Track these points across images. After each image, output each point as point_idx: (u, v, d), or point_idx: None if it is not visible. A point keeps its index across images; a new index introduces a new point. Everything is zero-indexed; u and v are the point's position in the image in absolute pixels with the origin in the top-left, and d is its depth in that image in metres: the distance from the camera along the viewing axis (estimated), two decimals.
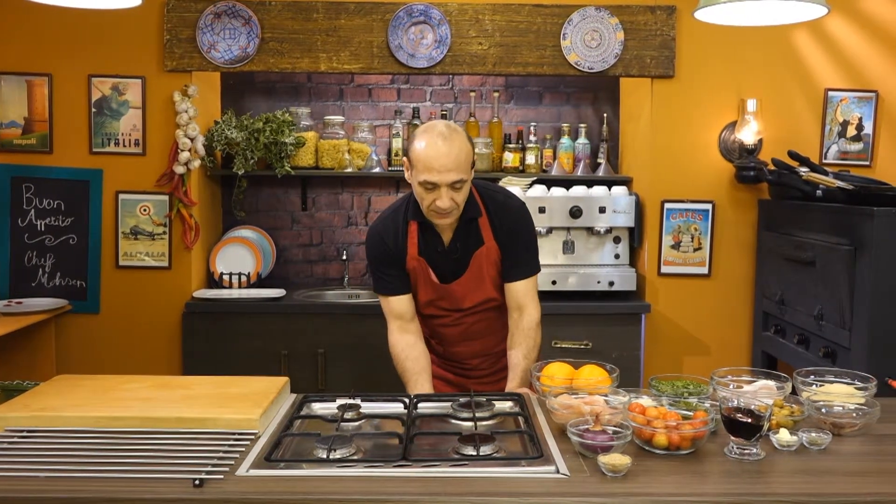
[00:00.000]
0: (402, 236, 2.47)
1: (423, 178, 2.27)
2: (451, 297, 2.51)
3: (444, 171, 2.25)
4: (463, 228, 2.45)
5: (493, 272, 2.50)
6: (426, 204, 2.33)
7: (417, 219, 2.44)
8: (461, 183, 2.30)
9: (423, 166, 2.27)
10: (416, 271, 2.49)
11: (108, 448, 1.75)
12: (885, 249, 2.89)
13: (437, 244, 2.47)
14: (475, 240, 2.46)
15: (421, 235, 2.46)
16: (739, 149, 3.94)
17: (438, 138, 2.27)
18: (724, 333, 4.07)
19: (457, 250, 2.46)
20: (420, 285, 2.51)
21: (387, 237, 2.48)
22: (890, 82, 3.98)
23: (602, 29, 3.87)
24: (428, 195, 2.30)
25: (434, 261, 2.47)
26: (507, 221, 2.48)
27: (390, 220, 2.51)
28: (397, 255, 2.47)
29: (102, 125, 3.86)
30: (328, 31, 3.85)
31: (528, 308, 2.51)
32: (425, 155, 2.27)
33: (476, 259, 2.46)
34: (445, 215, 2.35)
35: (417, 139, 2.31)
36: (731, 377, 2.14)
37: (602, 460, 1.60)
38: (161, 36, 3.84)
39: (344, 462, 1.71)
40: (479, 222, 2.46)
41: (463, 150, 2.29)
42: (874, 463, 1.78)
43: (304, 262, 4.51)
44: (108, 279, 3.93)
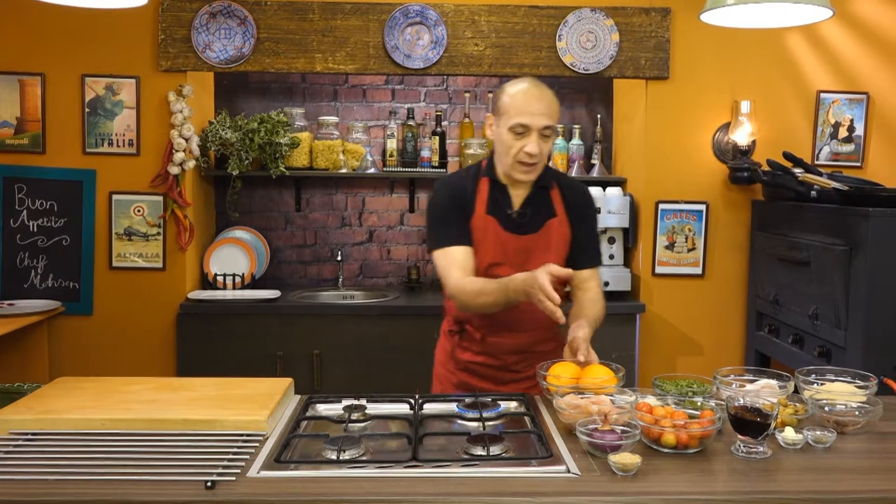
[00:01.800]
0: (472, 192, 2.40)
1: (515, 121, 2.26)
2: (514, 257, 2.38)
3: (538, 115, 2.26)
4: (535, 195, 2.41)
5: (562, 248, 2.42)
6: (514, 152, 2.29)
7: (490, 175, 2.40)
8: (550, 131, 2.30)
9: (515, 111, 2.27)
10: (481, 230, 2.38)
11: (115, 450, 1.73)
12: (880, 250, 2.92)
13: (506, 206, 2.39)
14: (547, 209, 2.42)
15: (491, 194, 2.39)
16: (733, 150, 3.96)
17: (532, 85, 2.32)
18: (718, 333, 4.10)
19: (526, 215, 2.40)
20: (483, 246, 2.38)
21: (457, 189, 2.41)
22: (881, 84, 4.02)
23: (597, 30, 3.88)
24: (517, 141, 2.28)
25: (502, 222, 2.39)
26: (578, 200, 2.47)
27: (461, 175, 2.47)
28: (465, 208, 2.38)
29: (96, 125, 3.84)
30: (324, 31, 3.84)
31: (593, 290, 2.46)
32: (520, 98, 2.28)
33: (547, 228, 2.40)
34: (530, 167, 2.31)
35: (509, 88, 2.32)
36: (733, 376, 2.16)
37: (613, 459, 1.61)
38: (156, 36, 3.82)
39: (354, 463, 1.71)
40: (550, 193, 2.43)
41: (554, 103, 2.32)
42: (879, 460, 1.80)
43: (297, 263, 4.50)
44: (101, 280, 3.91)
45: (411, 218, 4.52)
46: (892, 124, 4.05)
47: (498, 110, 2.33)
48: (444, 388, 2.59)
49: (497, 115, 2.34)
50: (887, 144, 4.07)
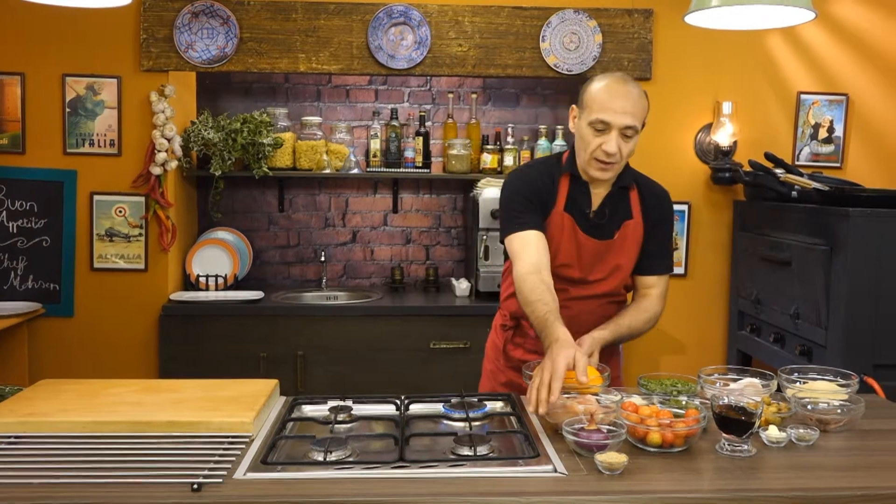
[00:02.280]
0: (553, 185, 2.30)
1: (596, 116, 2.16)
2: (586, 260, 2.32)
3: (620, 113, 2.15)
4: (614, 195, 2.32)
5: (635, 251, 2.35)
6: (591, 148, 2.19)
7: (572, 171, 2.30)
8: (632, 132, 2.19)
9: (598, 105, 2.17)
10: (557, 227, 2.29)
11: (100, 453, 1.72)
12: (860, 249, 2.95)
13: (584, 205, 2.30)
14: (624, 211, 2.33)
15: (570, 191, 2.29)
16: (715, 150, 3.99)
17: (620, 80, 2.20)
18: (700, 332, 4.13)
19: (604, 216, 2.31)
20: (556, 244, 2.29)
21: (536, 181, 2.30)
22: (860, 86, 4.07)
23: (580, 31, 3.90)
24: (596, 138, 2.18)
25: (579, 222, 2.30)
26: (657, 203, 2.38)
27: (541, 167, 2.37)
28: (544, 201, 2.28)
29: (77, 125, 3.81)
30: (307, 31, 3.83)
31: (654, 299, 2.40)
32: (604, 93, 2.17)
33: (623, 230, 2.32)
34: (607, 166, 2.20)
35: (596, 81, 2.22)
36: (717, 375, 2.17)
37: (599, 459, 1.62)
38: (137, 35, 3.79)
39: (341, 464, 1.71)
40: (629, 194, 2.34)
41: (641, 100, 2.21)
42: (861, 458, 1.82)
43: (281, 264, 4.49)
44: (82, 282, 3.87)
45: (395, 218, 4.52)
46: (871, 125, 4.10)
47: (582, 103, 2.24)
48: (492, 386, 2.49)
49: (580, 108, 2.25)
50: (866, 145, 4.11)
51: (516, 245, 2.26)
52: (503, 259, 2.50)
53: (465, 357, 3.79)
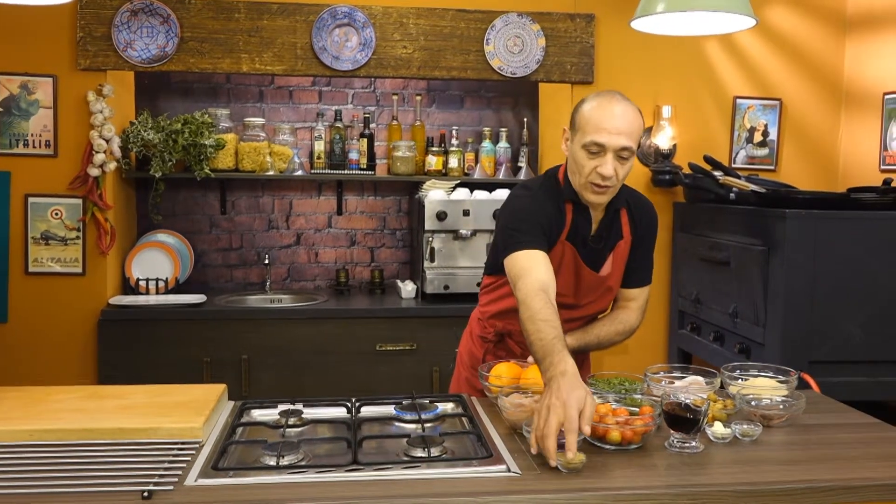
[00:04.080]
0: (561, 214, 2.21)
1: (590, 139, 2.07)
2: (583, 290, 2.29)
3: (615, 134, 2.06)
4: (609, 218, 2.27)
5: (622, 270, 2.34)
6: (586, 171, 2.10)
7: (573, 198, 2.21)
8: (628, 153, 2.10)
9: (592, 127, 2.08)
10: (557, 256, 2.21)
11: (45, 462, 1.67)
12: (795, 249, 3.05)
13: (585, 231, 2.25)
14: (616, 232, 2.29)
15: (573, 218, 2.23)
16: (655, 153, 4.08)
17: (614, 100, 2.10)
18: (642, 332, 4.13)
19: (601, 240, 2.27)
20: (559, 271, 2.21)
21: (547, 206, 2.21)
22: (792, 91, 4.20)
23: (524, 35, 3.94)
24: (590, 161, 2.09)
25: (579, 250, 2.26)
26: (645, 218, 2.35)
27: (547, 192, 2.25)
28: (553, 227, 2.20)
29: (10, 125, 3.69)
30: (250, 31, 3.79)
31: (632, 312, 2.41)
32: (598, 115, 2.08)
33: (615, 252, 2.29)
34: (603, 190, 2.13)
35: (589, 101, 2.13)
36: (662, 373, 2.22)
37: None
38: (74, 33, 3.70)
39: (294, 468, 1.69)
40: (621, 213, 2.30)
41: (637, 120, 2.12)
42: (802, 452, 1.88)
43: (223, 267, 4.42)
44: (16, 287, 3.76)
45: (339, 220, 4.49)
46: (803, 129, 4.24)
47: (574, 124, 2.15)
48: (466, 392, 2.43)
49: (572, 130, 2.16)
50: (798, 148, 4.25)
51: (523, 262, 2.11)
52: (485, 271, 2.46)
53: (411, 359, 3.79)
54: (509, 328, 2.37)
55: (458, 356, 2.61)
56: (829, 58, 4.21)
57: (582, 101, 2.16)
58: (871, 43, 4.04)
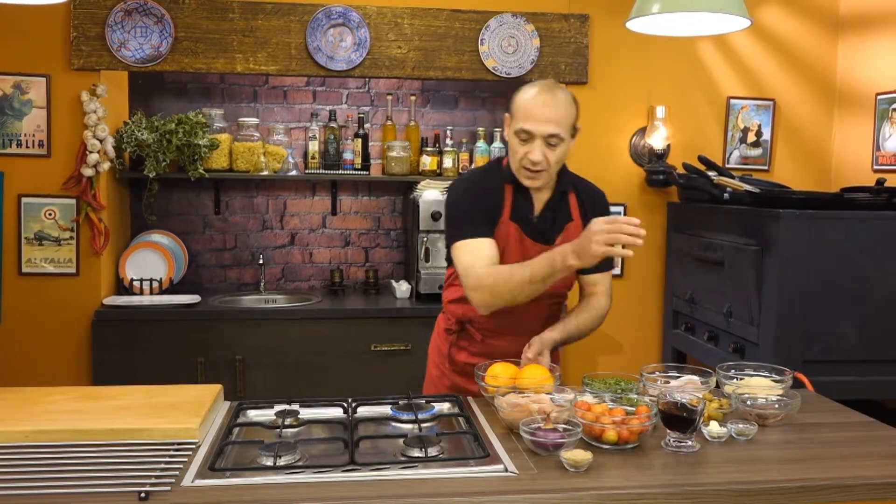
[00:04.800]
0: (499, 195, 2.33)
1: (520, 126, 2.20)
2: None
3: (543, 122, 2.18)
4: (555, 200, 2.36)
5: None
6: (518, 157, 2.23)
7: (513, 179, 2.32)
8: (557, 140, 2.20)
9: (521, 114, 2.21)
10: (503, 236, 2.32)
11: (41, 464, 1.67)
12: (790, 249, 3.05)
13: (528, 211, 2.34)
14: (564, 214, 2.38)
15: (514, 199, 2.33)
16: (649, 153, 4.09)
17: (544, 89, 2.22)
18: (636, 332, 4.21)
19: (546, 220, 2.36)
20: (504, 253, 2.32)
21: (485, 189, 2.33)
22: (785, 91, 4.22)
23: (518, 35, 3.94)
24: (522, 147, 2.22)
25: (525, 228, 2.35)
26: (595, 204, 2.43)
27: (486, 175, 2.38)
28: (491, 209, 2.31)
29: (3, 125, 3.67)
30: (245, 31, 3.78)
31: (602, 295, 2.49)
32: (526, 103, 2.21)
33: (565, 233, 2.36)
34: (535, 175, 2.24)
35: (524, 90, 2.25)
36: (658, 373, 2.23)
37: (565, 456, 1.64)
38: (67, 33, 3.68)
39: (291, 469, 1.69)
40: (569, 197, 2.39)
41: (566, 107, 2.23)
42: (798, 451, 1.89)
43: (217, 267, 4.41)
44: (10, 287, 3.73)
45: (334, 220, 4.49)
46: (796, 129, 4.25)
47: (511, 111, 2.28)
48: (437, 391, 2.49)
49: (510, 116, 2.29)
50: (791, 149, 4.26)
51: (467, 253, 2.27)
52: (446, 262, 2.50)
53: (406, 359, 3.79)
54: (469, 315, 2.41)
55: (429, 356, 2.63)
56: (822, 58, 4.22)
57: (519, 90, 2.27)
58: (863, 43, 4.05)
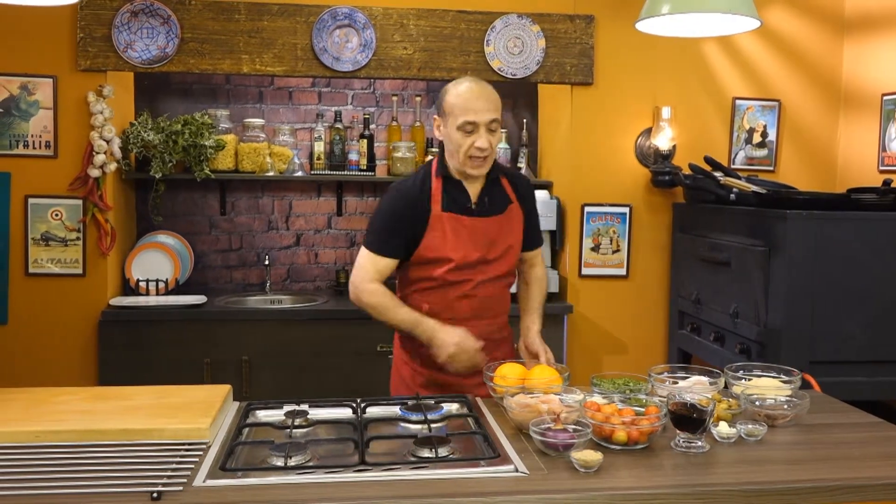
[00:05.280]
0: (426, 194, 2.44)
1: (463, 119, 2.33)
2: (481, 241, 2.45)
3: (483, 111, 2.34)
4: (489, 186, 2.49)
5: (520, 233, 2.56)
6: (465, 149, 2.36)
7: (443, 174, 2.46)
8: (496, 124, 2.38)
9: (461, 109, 2.34)
10: (439, 227, 2.42)
11: (53, 464, 1.67)
12: (797, 250, 3.05)
13: (464, 201, 2.46)
14: (502, 198, 2.52)
15: (445, 193, 2.45)
16: (655, 154, 4.08)
17: (474, 82, 2.40)
18: (642, 332, 4.21)
19: (484, 206, 2.48)
20: (446, 241, 2.42)
21: (409, 195, 2.45)
22: (791, 92, 4.21)
23: (524, 36, 3.94)
24: (467, 139, 2.35)
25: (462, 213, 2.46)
26: (523, 187, 2.61)
27: (412, 180, 2.50)
28: (417, 213, 2.42)
29: (10, 126, 3.68)
30: (251, 32, 3.79)
31: (540, 265, 2.71)
32: (465, 97, 2.35)
33: (507, 213, 2.51)
34: (482, 162, 2.39)
35: (452, 89, 2.39)
36: (666, 374, 2.23)
37: (575, 457, 1.64)
38: (74, 34, 3.69)
39: (302, 469, 1.70)
40: (502, 182, 2.54)
41: (495, 95, 2.41)
42: (808, 451, 1.89)
43: (223, 268, 4.42)
44: (16, 288, 3.75)
45: (339, 221, 4.49)
46: (802, 130, 4.25)
47: (444, 111, 2.40)
48: (411, 390, 2.51)
49: (443, 116, 2.40)
50: (797, 149, 4.26)
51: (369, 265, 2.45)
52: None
53: None
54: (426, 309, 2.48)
55: (394, 359, 2.68)
56: (827, 59, 4.22)
57: (445, 91, 2.42)
58: (869, 44, 4.05)
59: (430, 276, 2.45)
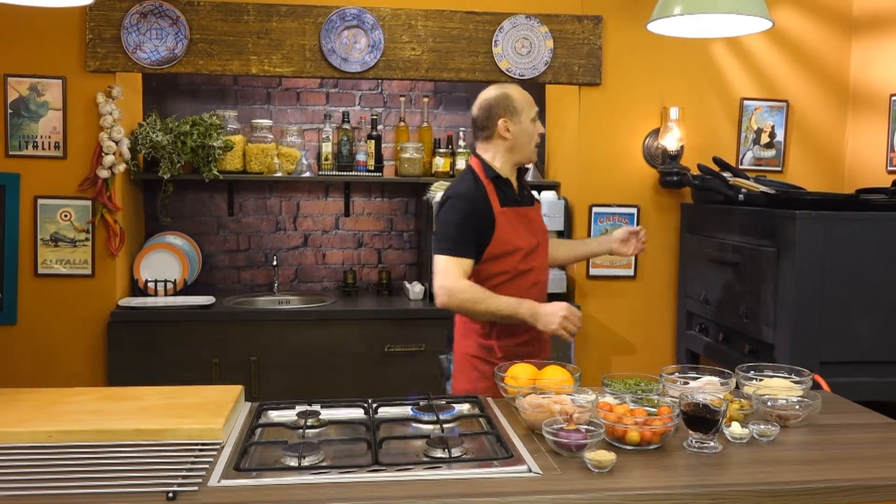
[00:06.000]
0: (484, 195, 2.62)
1: (534, 111, 2.68)
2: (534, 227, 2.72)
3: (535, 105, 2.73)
4: (518, 177, 2.76)
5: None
6: (535, 137, 2.70)
7: (491, 175, 2.66)
8: None
9: (529, 104, 2.68)
10: (505, 221, 2.62)
11: (67, 464, 1.68)
12: (806, 250, 3.05)
13: (513, 195, 2.70)
14: (528, 191, 2.82)
15: (498, 190, 2.65)
16: (662, 155, 4.08)
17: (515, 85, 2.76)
18: (650, 333, 4.21)
19: (525, 197, 2.77)
20: (515, 234, 2.63)
21: (474, 197, 2.61)
22: (799, 92, 4.21)
23: (532, 37, 3.95)
24: (535, 127, 2.70)
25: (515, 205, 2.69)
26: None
27: (466, 185, 2.66)
28: (483, 213, 2.60)
29: (19, 127, 3.69)
30: (259, 33, 3.79)
31: None
32: (524, 95, 2.69)
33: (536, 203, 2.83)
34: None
35: (511, 92, 2.68)
36: (677, 374, 2.23)
37: (588, 457, 1.65)
38: (83, 35, 3.70)
39: (316, 469, 1.70)
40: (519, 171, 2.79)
41: None
42: (821, 451, 1.89)
43: (230, 269, 4.42)
44: (26, 288, 3.76)
45: (347, 222, 4.50)
46: (810, 130, 4.25)
47: (514, 110, 2.65)
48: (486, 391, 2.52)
49: (514, 114, 2.65)
50: (805, 150, 4.25)
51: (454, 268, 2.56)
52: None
53: (420, 360, 3.80)
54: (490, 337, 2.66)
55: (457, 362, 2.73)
56: (835, 59, 4.21)
57: (506, 96, 2.67)
58: (877, 44, 4.04)
59: (503, 269, 2.61)
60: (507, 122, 2.65)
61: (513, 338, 2.64)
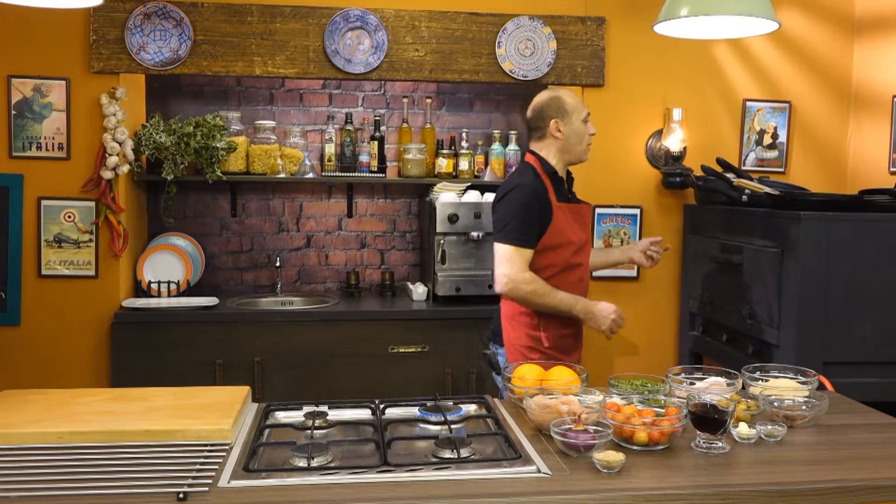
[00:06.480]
0: (545, 189, 2.78)
1: (585, 112, 2.85)
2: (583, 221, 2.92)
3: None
4: (567, 173, 2.94)
5: None
6: (587, 137, 2.87)
7: (549, 171, 2.83)
8: None
9: (580, 105, 2.85)
10: (562, 215, 2.78)
11: (77, 465, 1.68)
12: (810, 251, 3.06)
13: (566, 192, 2.89)
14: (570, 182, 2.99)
15: (554, 186, 2.82)
16: (665, 156, 4.09)
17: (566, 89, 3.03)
18: (653, 334, 4.21)
19: (574, 194, 2.97)
20: (570, 228, 2.80)
21: (537, 190, 2.76)
22: (801, 94, 4.22)
23: (535, 38, 3.95)
24: (587, 128, 2.85)
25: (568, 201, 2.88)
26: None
27: (528, 178, 2.80)
28: (544, 205, 2.75)
29: (23, 128, 3.69)
30: (263, 34, 3.80)
31: None
32: (574, 99, 2.85)
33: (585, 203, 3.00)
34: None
35: (558, 94, 2.85)
36: (684, 375, 2.23)
37: (598, 457, 1.65)
38: (87, 36, 3.70)
39: (325, 470, 1.70)
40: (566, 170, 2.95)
41: None
42: (828, 452, 1.89)
43: (233, 270, 4.43)
44: (29, 289, 3.76)
45: (350, 223, 4.50)
46: (812, 131, 4.25)
47: (565, 112, 2.82)
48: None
49: (566, 116, 2.82)
50: (807, 150, 4.26)
51: (516, 257, 2.72)
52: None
53: (424, 361, 3.80)
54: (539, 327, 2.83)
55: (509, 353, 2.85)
56: (837, 60, 4.22)
57: (557, 98, 2.84)
58: (879, 46, 4.05)
59: (554, 262, 2.76)
60: (559, 123, 2.81)
61: (558, 329, 2.81)
